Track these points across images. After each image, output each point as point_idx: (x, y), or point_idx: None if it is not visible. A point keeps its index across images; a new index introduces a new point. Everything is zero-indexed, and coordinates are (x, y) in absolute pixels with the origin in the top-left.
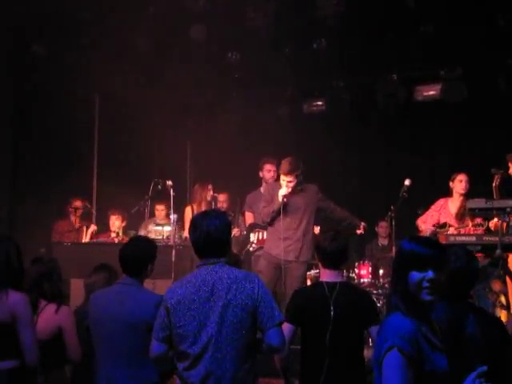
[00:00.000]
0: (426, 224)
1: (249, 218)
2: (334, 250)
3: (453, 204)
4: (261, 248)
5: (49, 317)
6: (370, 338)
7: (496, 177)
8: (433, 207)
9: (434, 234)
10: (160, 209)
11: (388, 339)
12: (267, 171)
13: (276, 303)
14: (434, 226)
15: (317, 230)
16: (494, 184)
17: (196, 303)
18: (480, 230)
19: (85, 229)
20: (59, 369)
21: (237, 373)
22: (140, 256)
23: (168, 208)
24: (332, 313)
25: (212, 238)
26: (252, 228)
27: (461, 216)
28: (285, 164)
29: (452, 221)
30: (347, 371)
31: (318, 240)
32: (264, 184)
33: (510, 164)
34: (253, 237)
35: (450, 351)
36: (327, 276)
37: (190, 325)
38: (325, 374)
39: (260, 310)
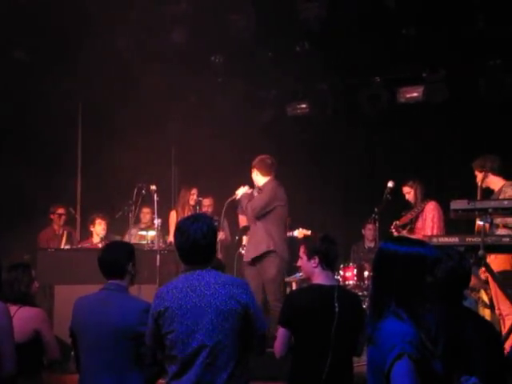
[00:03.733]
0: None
1: (242, 221)
2: (335, 253)
3: None
4: None
5: (24, 320)
6: None
7: (483, 171)
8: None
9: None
10: (145, 211)
11: (396, 345)
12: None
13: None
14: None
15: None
16: (478, 182)
17: (184, 309)
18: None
19: (65, 236)
20: (35, 373)
21: (228, 377)
22: (117, 259)
23: (153, 212)
24: (337, 309)
25: (199, 244)
26: (245, 231)
27: (414, 218)
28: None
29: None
30: (347, 371)
31: (321, 245)
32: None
33: (476, 172)
34: (245, 240)
35: (446, 355)
36: (325, 278)
37: (179, 331)
38: (327, 373)
39: (250, 316)
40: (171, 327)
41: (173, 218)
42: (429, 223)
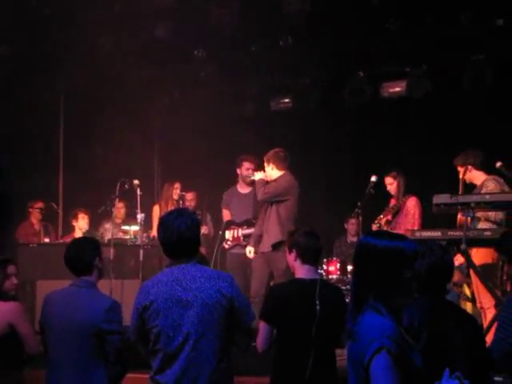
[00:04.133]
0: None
1: (225, 215)
2: (318, 248)
3: (394, 201)
4: (236, 245)
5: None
6: None
7: (464, 165)
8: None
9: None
10: (120, 206)
11: (375, 340)
12: (245, 169)
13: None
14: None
15: None
16: (460, 176)
17: (169, 302)
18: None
19: (42, 231)
20: (14, 369)
21: (213, 371)
22: (83, 255)
23: (128, 207)
24: (318, 307)
25: (184, 238)
26: (228, 225)
27: (395, 212)
28: None
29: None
30: (331, 367)
31: (298, 237)
32: (241, 181)
33: (458, 167)
34: (228, 234)
35: (428, 348)
36: (307, 272)
37: (164, 324)
38: (310, 369)
39: (235, 309)
40: (156, 321)
41: (156, 212)
42: (410, 219)
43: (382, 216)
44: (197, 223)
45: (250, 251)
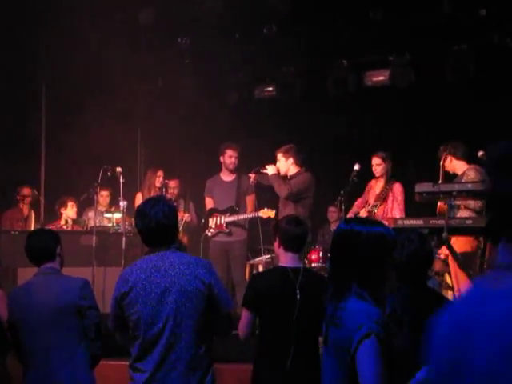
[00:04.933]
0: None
1: (208, 203)
2: (299, 234)
3: (378, 185)
4: (219, 233)
5: None
6: None
7: (443, 154)
8: (366, 188)
9: (356, 214)
10: (105, 195)
11: (364, 324)
12: (228, 157)
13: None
14: (360, 207)
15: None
16: (441, 162)
17: (148, 289)
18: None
19: (33, 217)
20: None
21: (192, 357)
22: (46, 244)
23: (112, 195)
24: (298, 296)
25: (162, 225)
26: (211, 213)
27: (381, 197)
28: None
29: (372, 201)
30: (313, 354)
31: (281, 223)
32: (224, 169)
33: (441, 157)
34: (211, 222)
35: (410, 335)
36: (289, 260)
37: (143, 311)
38: (292, 357)
39: (214, 296)
40: (135, 308)
41: (139, 200)
42: (396, 206)
43: (376, 202)
44: (174, 210)
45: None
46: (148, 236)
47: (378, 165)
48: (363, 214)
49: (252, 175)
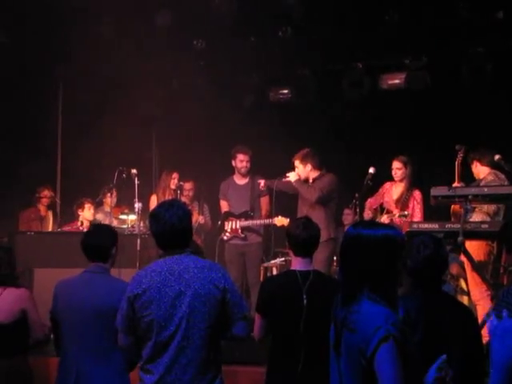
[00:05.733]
0: (368, 209)
1: (223, 206)
2: (307, 238)
3: (396, 189)
4: (234, 237)
5: (11, 301)
6: None
7: (459, 153)
8: (380, 190)
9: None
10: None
11: (381, 327)
12: (239, 161)
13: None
14: (373, 209)
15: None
16: (457, 161)
17: (162, 292)
18: (402, 220)
19: (51, 217)
20: (20, 355)
21: (202, 361)
22: (103, 243)
23: (126, 196)
24: (305, 302)
25: (176, 229)
26: (226, 216)
27: (402, 203)
28: None
29: (392, 206)
30: (324, 359)
31: (289, 227)
32: (237, 173)
33: (475, 162)
34: (227, 226)
35: (424, 341)
36: (299, 264)
37: (156, 314)
38: (302, 363)
39: (227, 300)
40: (148, 310)
41: (153, 201)
42: (417, 213)
43: (395, 211)
44: (188, 214)
45: None
46: (163, 240)
47: (398, 169)
48: (385, 220)
49: (262, 181)
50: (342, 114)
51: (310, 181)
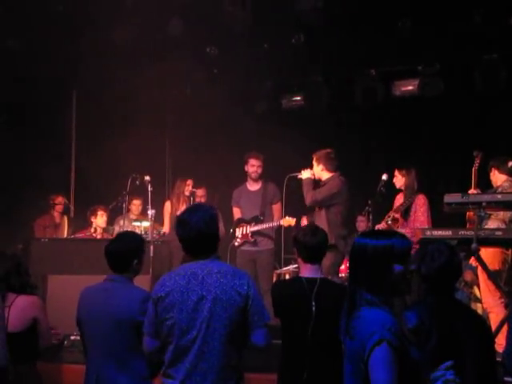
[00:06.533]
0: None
1: (236, 213)
2: (315, 245)
3: (400, 198)
4: (245, 242)
5: (23, 308)
6: None
7: (476, 159)
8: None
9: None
10: (137, 204)
11: (376, 332)
12: (251, 166)
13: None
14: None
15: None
16: (474, 167)
17: (185, 296)
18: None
19: (66, 224)
20: (30, 362)
21: (223, 368)
22: (123, 252)
23: (145, 203)
24: (314, 308)
25: (203, 234)
26: (238, 223)
27: (403, 209)
28: None
29: (397, 214)
30: (329, 366)
31: (297, 235)
32: (249, 179)
33: (493, 169)
34: (238, 232)
35: (437, 348)
36: (307, 271)
37: (178, 318)
38: (308, 370)
39: (249, 308)
40: (170, 313)
41: (167, 208)
42: (420, 216)
43: (390, 214)
44: (215, 218)
45: None
46: (188, 244)
47: (396, 177)
48: (382, 226)
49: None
50: (355, 121)
51: (321, 183)
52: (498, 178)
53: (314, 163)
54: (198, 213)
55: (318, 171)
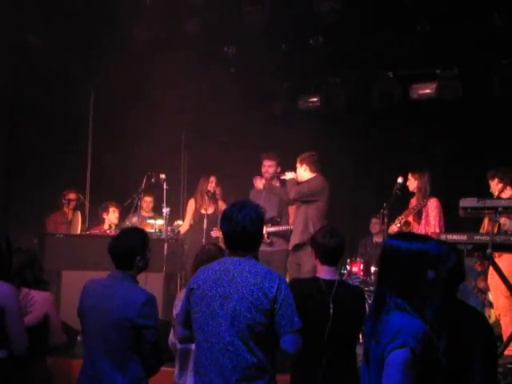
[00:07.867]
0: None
1: None
2: (334, 247)
3: (414, 201)
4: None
5: (36, 304)
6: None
7: (498, 186)
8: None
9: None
10: (148, 200)
11: (399, 338)
12: (263, 166)
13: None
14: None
15: None
16: (495, 193)
17: (213, 291)
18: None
19: (80, 221)
20: (42, 357)
21: (248, 367)
22: (125, 248)
23: (155, 200)
24: (331, 310)
25: (248, 231)
26: None
27: (416, 213)
28: None
29: (409, 217)
30: (345, 368)
31: (316, 236)
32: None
33: (492, 181)
34: None
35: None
36: (325, 272)
37: (205, 311)
38: (323, 371)
39: (276, 312)
40: (198, 306)
41: (191, 205)
42: (431, 220)
43: (402, 216)
44: (261, 216)
45: None
46: (231, 240)
47: (409, 180)
48: (393, 228)
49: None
50: (372, 123)
51: (305, 180)
52: (509, 192)
53: (298, 165)
54: (245, 209)
55: (301, 172)
